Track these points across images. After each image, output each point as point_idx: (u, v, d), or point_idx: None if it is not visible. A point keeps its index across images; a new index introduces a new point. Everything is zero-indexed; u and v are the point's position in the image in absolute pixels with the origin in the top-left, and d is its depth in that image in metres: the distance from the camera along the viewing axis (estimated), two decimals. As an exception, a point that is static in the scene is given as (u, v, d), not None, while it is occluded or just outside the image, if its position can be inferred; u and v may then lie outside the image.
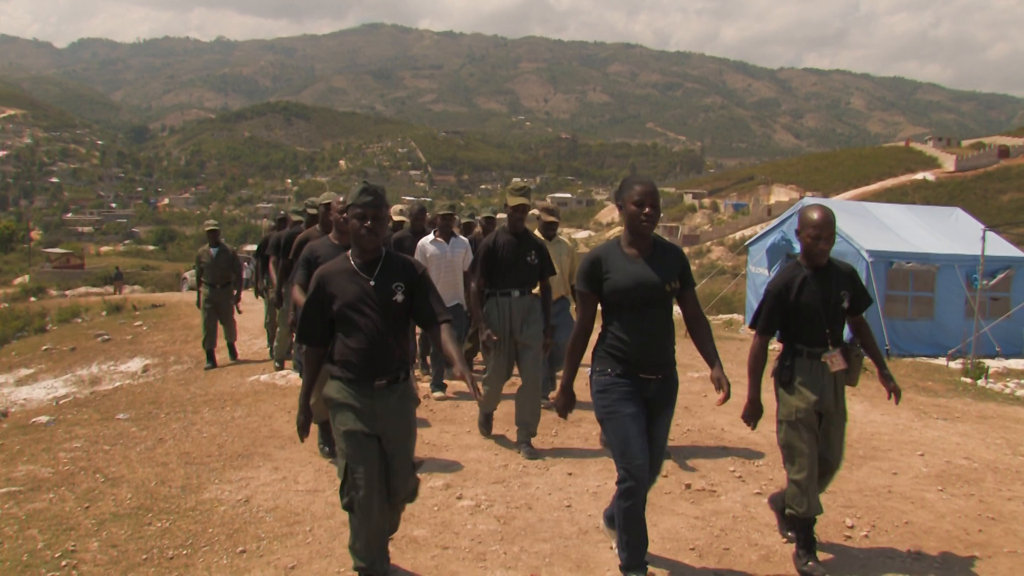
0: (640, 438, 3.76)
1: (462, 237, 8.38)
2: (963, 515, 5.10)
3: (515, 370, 6.49)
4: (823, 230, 4.15)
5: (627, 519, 3.79)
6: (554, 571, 4.09)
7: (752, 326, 4.35)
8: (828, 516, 4.94)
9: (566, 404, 4.01)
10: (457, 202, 9.03)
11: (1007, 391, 10.21)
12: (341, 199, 5.55)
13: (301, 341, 3.86)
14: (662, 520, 4.77)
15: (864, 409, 8.13)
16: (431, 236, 8.09)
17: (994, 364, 12.17)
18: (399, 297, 3.75)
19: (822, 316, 4.19)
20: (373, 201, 3.73)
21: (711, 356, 3.91)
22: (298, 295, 5.64)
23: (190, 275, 28.50)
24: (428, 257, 7.91)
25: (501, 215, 8.66)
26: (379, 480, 3.71)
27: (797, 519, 4.21)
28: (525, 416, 6.26)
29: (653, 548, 4.34)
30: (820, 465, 4.25)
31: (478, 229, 9.14)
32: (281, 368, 9.85)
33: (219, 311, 10.87)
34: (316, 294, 3.75)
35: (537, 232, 7.20)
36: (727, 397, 3.77)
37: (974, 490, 5.60)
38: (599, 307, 3.95)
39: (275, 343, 10.23)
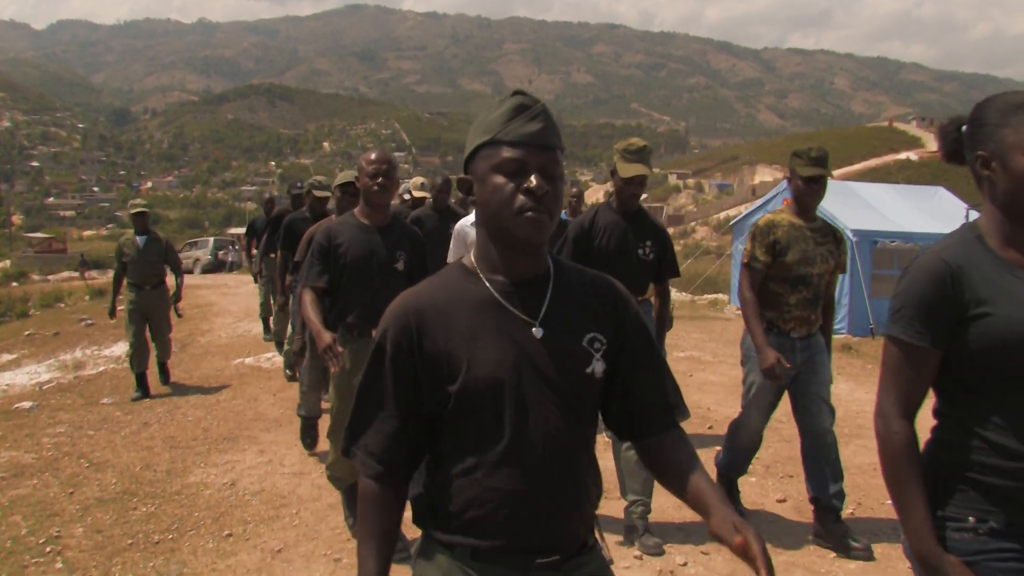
0: None
1: None
2: (947, 491, 5.13)
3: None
4: None
5: None
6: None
7: None
8: (814, 494, 4.97)
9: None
10: None
11: (990, 368, 10.29)
12: (373, 156, 3.92)
13: (361, 465, 1.55)
14: (649, 499, 4.78)
15: (849, 388, 8.17)
16: (471, 217, 5.16)
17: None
18: (598, 367, 1.55)
19: None
20: (542, 132, 1.48)
21: None
22: (311, 313, 3.89)
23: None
24: (470, 244, 4.52)
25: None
26: None
27: None
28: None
29: (640, 527, 4.35)
30: None
31: None
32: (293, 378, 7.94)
33: (150, 320, 8.07)
34: (398, 359, 1.51)
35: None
36: None
37: (958, 467, 5.63)
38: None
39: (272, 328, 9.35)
